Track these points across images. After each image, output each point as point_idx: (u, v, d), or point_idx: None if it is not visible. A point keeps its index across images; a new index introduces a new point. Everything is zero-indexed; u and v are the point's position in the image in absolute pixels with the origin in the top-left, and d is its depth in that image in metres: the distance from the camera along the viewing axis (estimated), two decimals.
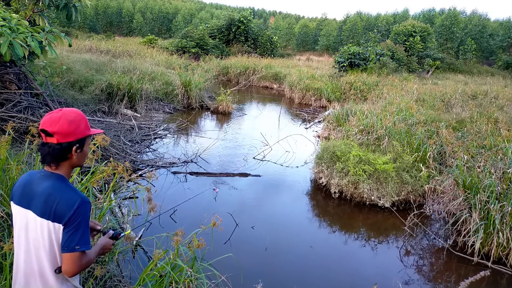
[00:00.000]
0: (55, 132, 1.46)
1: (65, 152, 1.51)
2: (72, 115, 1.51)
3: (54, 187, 1.47)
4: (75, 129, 1.50)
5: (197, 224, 3.00)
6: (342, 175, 5.42)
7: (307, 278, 3.68)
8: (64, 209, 1.42)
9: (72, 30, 36.95)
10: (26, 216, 1.47)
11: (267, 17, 71.36)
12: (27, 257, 1.48)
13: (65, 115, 1.49)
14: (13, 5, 5.27)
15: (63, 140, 1.48)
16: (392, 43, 22.86)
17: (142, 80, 10.14)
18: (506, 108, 9.98)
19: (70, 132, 1.49)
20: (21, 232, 1.48)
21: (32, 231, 1.46)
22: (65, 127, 1.47)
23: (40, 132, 1.49)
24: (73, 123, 1.50)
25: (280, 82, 17.59)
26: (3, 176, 2.98)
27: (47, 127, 1.46)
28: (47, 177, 1.50)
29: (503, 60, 29.72)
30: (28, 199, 1.48)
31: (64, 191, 1.46)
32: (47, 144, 1.49)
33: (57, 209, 1.42)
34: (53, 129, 1.45)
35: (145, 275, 2.55)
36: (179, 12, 50.06)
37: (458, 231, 4.42)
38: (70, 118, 1.49)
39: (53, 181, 1.49)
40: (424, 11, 42.25)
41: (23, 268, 1.48)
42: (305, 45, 47.32)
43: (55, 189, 1.46)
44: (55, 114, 1.49)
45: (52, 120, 1.47)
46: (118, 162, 3.39)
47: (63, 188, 1.47)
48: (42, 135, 1.49)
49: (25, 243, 1.48)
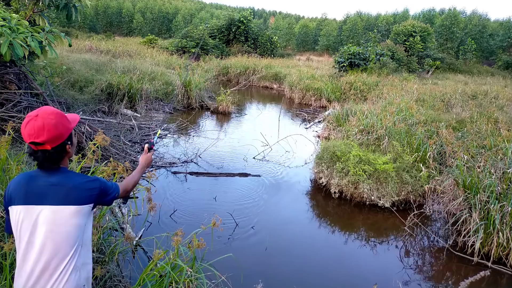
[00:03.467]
0: (45, 141, 1.44)
1: (61, 153, 1.53)
2: (52, 117, 1.46)
3: (65, 177, 1.52)
4: (62, 130, 1.49)
5: (197, 224, 3.01)
6: (342, 175, 5.42)
7: (307, 278, 3.68)
8: (91, 192, 1.54)
9: (72, 30, 36.97)
10: (36, 213, 1.43)
11: (267, 17, 71.41)
12: (39, 255, 1.42)
13: (45, 119, 1.44)
14: (13, 5, 5.27)
15: (55, 144, 1.48)
16: (392, 43, 22.84)
17: (142, 80, 10.13)
18: (506, 108, 9.98)
19: (59, 135, 1.48)
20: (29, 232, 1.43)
21: (45, 224, 1.43)
22: (52, 133, 1.45)
23: (29, 144, 1.45)
24: (58, 126, 1.48)
25: (280, 82, 17.58)
26: (3, 176, 2.98)
27: (35, 138, 1.42)
28: (51, 172, 1.52)
29: (503, 60, 29.70)
30: (39, 195, 1.46)
31: (74, 177, 1.54)
32: (40, 151, 1.47)
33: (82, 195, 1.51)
34: (42, 138, 1.43)
35: (145, 275, 2.55)
36: (179, 12, 50.08)
37: (458, 231, 4.41)
38: (52, 122, 1.45)
39: (60, 174, 1.53)
40: (424, 11, 42.24)
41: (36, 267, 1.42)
42: (305, 45, 47.31)
43: (67, 178, 1.52)
44: (35, 123, 1.43)
45: (37, 129, 1.42)
46: (118, 162, 3.39)
47: (72, 175, 1.55)
48: (32, 146, 1.45)
49: (37, 241, 1.43)
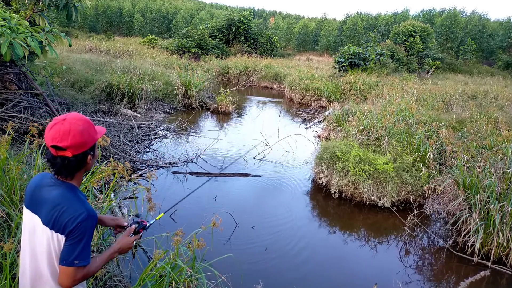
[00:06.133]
0: (68, 146, 1.36)
1: (82, 162, 1.45)
2: (80, 124, 1.40)
3: (63, 196, 1.41)
4: (87, 138, 1.42)
5: (197, 224, 3.01)
6: (342, 175, 5.42)
7: (307, 278, 3.68)
8: (68, 221, 1.36)
9: (72, 30, 37.00)
10: (33, 221, 1.44)
11: (267, 17, 71.43)
12: (32, 261, 1.45)
13: (73, 125, 1.38)
14: (13, 5, 5.28)
15: (77, 152, 1.40)
16: (392, 43, 22.85)
17: (142, 80, 10.13)
18: (506, 108, 9.98)
19: (84, 142, 1.41)
20: (28, 235, 1.45)
21: (38, 236, 1.43)
22: (77, 139, 1.38)
23: (50, 148, 1.38)
24: (84, 133, 1.40)
25: (280, 82, 17.59)
26: (3, 176, 2.98)
27: (58, 142, 1.35)
28: (58, 185, 1.44)
29: (503, 60, 29.70)
30: (37, 204, 1.44)
31: (72, 202, 1.40)
32: (60, 157, 1.39)
33: (60, 220, 1.37)
34: (65, 143, 1.36)
35: (145, 275, 2.55)
36: (179, 12, 50.09)
37: (458, 231, 4.42)
38: (79, 128, 1.39)
39: (63, 190, 1.43)
40: (424, 11, 42.28)
41: (29, 271, 1.46)
42: (305, 45, 47.32)
43: (64, 199, 1.41)
44: (62, 126, 1.36)
45: (62, 133, 1.35)
46: (118, 162, 3.40)
47: (72, 199, 1.41)
48: (52, 150, 1.38)
49: (31, 246, 1.45)
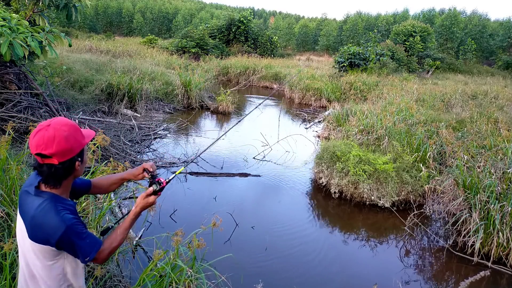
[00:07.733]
0: (53, 154, 1.31)
1: (69, 169, 1.39)
2: (65, 129, 1.34)
3: (40, 209, 1.33)
4: (73, 144, 1.36)
5: (197, 224, 3.01)
6: (342, 175, 5.42)
7: (307, 278, 3.68)
8: (48, 238, 1.32)
9: (72, 30, 37.01)
10: (22, 225, 1.41)
11: (267, 17, 71.45)
12: (24, 262, 1.45)
13: (58, 131, 1.31)
14: (13, 5, 5.28)
15: (64, 159, 1.34)
16: (392, 43, 22.85)
17: (142, 80, 10.13)
18: (506, 108, 9.98)
19: (70, 149, 1.35)
20: (22, 238, 1.44)
21: (26, 243, 1.40)
22: (63, 145, 1.31)
23: (35, 155, 1.33)
24: (70, 139, 1.34)
25: (280, 82, 17.59)
26: (3, 176, 2.98)
27: (42, 150, 1.29)
28: (37, 195, 1.38)
29: (503, 60, 29.71)
30: (23, 213, 1.40)
31: (47, 216, 1.32)
32: (46, 165, 1.34)
33: (39, 236, 1.33)
34: (50, 150, 1.30)
35: (145, 275, 2.55)
36: (179, 12, 50.11)
37: (458, 231, 4.42)
38: (64, 134, 1.32)
39: (41, 202, 1.35)
40: (424, 11, 42.27)
41: (23, 270, 1.46)
42: (305, 45, 47.33)
43: (41, 212, 1.33)
44: (46, 133, 1.30)
45: (47, 139, 1.29)
46: (118, 162, 3.40)
47: (48, 212, 1.33)
48: (38, 158, 1.33)
49: (22, 250, 1.44)
